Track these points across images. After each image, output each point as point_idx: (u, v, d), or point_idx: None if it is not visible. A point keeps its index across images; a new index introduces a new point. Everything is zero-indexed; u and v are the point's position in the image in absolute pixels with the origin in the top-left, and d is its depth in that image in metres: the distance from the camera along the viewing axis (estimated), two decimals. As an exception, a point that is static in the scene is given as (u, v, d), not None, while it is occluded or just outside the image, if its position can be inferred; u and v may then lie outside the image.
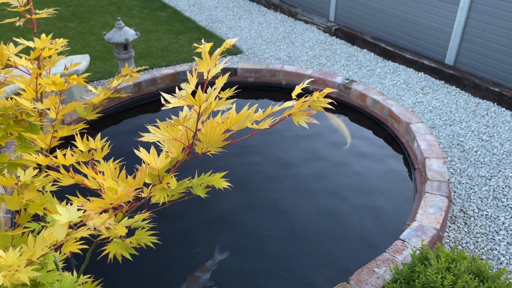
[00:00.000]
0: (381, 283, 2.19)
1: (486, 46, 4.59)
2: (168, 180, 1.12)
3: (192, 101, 1.00)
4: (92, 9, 7.29)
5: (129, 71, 1.59)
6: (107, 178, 1.08)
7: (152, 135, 1.04)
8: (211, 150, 1.10)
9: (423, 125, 3.55)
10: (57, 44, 1.43)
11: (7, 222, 2.66)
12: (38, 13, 1.47)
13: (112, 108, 4.16)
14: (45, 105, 1.32)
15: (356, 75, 5.03)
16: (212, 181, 1.29)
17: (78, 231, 0.96)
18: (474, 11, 4.59)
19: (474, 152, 3.68)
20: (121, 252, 1.19)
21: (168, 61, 5.39)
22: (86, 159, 1.26)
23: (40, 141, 1.29)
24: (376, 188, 3.24)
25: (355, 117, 4.13)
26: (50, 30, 6.32)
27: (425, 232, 2.50)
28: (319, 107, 1.08)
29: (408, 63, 5.19)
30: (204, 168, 1.46)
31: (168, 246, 2.59)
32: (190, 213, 2.97)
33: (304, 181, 3.30)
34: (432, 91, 4.65)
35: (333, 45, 5.87)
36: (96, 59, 5.41)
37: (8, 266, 0.88)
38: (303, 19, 6.68)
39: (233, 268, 2.59)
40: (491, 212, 3.04)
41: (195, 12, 7.25)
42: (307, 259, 2.66)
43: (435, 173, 2.99)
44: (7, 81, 1.43)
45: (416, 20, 5.25)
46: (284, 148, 3.68)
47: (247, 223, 2.93)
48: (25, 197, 1.12)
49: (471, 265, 1.93)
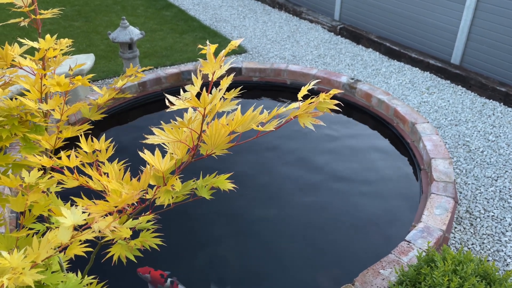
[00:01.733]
0: (386, 284, 2.17)
1: (493, 46, 4.55)
2: (172, 182, 1.11)
3: (197, 103, 0.99)
4: (97, 8, 7.30)
5: (134, 71, 1.58)
6: (112, 180, 1.07)
7: (156, 137, 1.03)
8: (216, 152, 1.09)
9: (428, 125, 3.52)
10: (62, 44, 1.43)
11: (12, 221, 2.67)
12: (43, 13, 1.47)
13: (116, 107, 4.16)
14: (49, 105, 1.32)
15: (361, 74, 5.01)
16: (217, 183, 1.28)
17: (83, 234, 0.96)
18: (480, 10, 4.55)
19: (480, 152, 3.65)
20: (125, 254, 1.18)
21: (172, 60, 5.38)
22: (90, 161, 1.25)
23: (44, 142, 1.29)
24: (381, 188, 3.22)
25: (360, 117, 4.11)
26: (55, 29, 6.34)
27: (431, 234, 2.48)
28: (326, 108, 1.07)
29: (414, 62, 5.15)
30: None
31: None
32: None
33: (304, 179, 3.29)
34: (438, 91, 4.62)
35: (338, 45, 5.84)
36: (101, 58, 5.41)
37: (12, 269, 0.88)
38: (308, 18, 6.65)
39: (236, 266, 2.58)
40: (498, 213, 3.01)
41: (200, 11, 7.25)
42: (311, 260, 2.64)
43: (441, 174, 2.97)
44: (12, 81, 1.43)
45: (421, 19, 5.21)
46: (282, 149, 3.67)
47: (248, 218, 2.92)
48: (30, 199, 1.11)
49: (477, 267, 1.91)
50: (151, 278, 2.36)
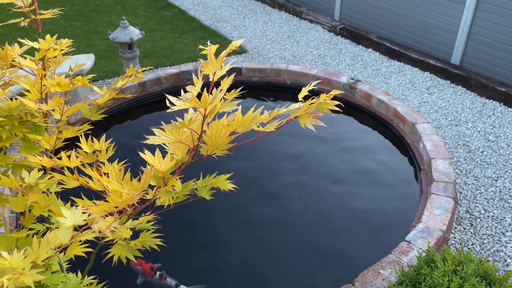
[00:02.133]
0: (387, 285, 2.17)
1: (493, 46, 4.55)
2: (173, 182, 1.11)
3: (197, 103, 0.99)
4: (97, 8, 7.30)
5: (134, 71, 1.58)
6: (112, 181, 1.07)
7: (157, 137, 1.03)
8: (216, 152, 1.09)
9: (429, 126, 3.52)
10: (62, 44, 1.42)
11: (12, 221, 2.66)
12: (43, 13, 1.47)
13: (117, 107, 4.16)
14: (49, 106, 1.32)
15: (361, 74, 5.01)
16: (217, 183, 1.28)
17: (83, 234, 0.96)
18: (480, 10, 4.55)
19: (480, 152, 3.65)
20: (125, 254, 1.18)
21: (172, 60, 5.38)
22: (90, 161, 1.25)
23: (45, 142, 1.28)
24: (381, 189, 3.22)
25: (360, 117, 4.11)
26: (55, 29, 6.34)
27: (431, 234, 2.48)
28: (326, 109, 1.07)
29: (414, 62, 5.15)
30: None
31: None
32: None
33: (305, 181, 3.29)
34: (438, 91, 4.62)
35: (338, 45, 5.84)
36: (101, 58, 5.41)
37: (12, 269, 0.88)
38: (308, 18, 6.65)
39: (237, 263, 2.58)
40: (498, 213, 3.01)
41: (200, 11, 7.25)
42: (311, 260, 2.64)
43: (441, 174, 2.97)
44: (12, 81, 1.43)
45: (422, 19, 5.21)
46: (288, 146, 3.67)
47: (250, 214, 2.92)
48: (30, 199, 1.11)
49: (478, 267, 1.91)
50: (142, 270, 2.40)
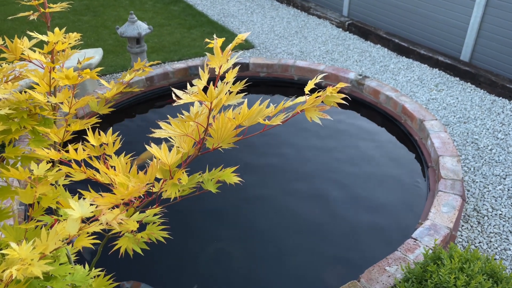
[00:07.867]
0: (392, 281, 2.17)
1: (503, 43, 4.49)
2: (179, 175, 1.12)
3: (203, 97, 0.99)
4: (106, 3, 7.32)
5: (141, 65, 1.59)
6: (119, 173, 1.08)
7: (163, 131, 1.04)
8: (222, 145, 1.09)
9: (437, 123, 3.49)
10: (71, 38, 1.43)
11: (20, 213, 2.70)
12: (52, 7, 1.48)
13: (124, 102, 4.18)
14: (58, 99, 1.33)
15: (369, 71, 4.98)
16: (223, 176, 1.29)
17: (90, 226, 0.97)
18: (491, 7, 4.49)
19: (488, 150, 3.61)
20: (132, 246, 1.19)
21: (180, 56, 5.39)
22: (97, 154, 1.26)
23: (53, 135, 1.30)
24: (388, 185, 3.21)
25: (368, 113, 4.09)
26: (64, 23, 6.37)
27: (438, 231, 2.47)
28: (333, 102, 1.06)
29: (423, 59, 5.11)
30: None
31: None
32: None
33: (314, 178, 3.29)
34: (447, 88, 4.58)
35: (346, 40, 5.81)
36: (109, 53, 5.44)
37: (21, 260, 0.89)
38: (316, 14, 6.62)
39: (239, 261, 2.59)
40: (505, 212, 2.98)
41: (208, 6, 7.24)
42: (317, 256, 2.65)
43: (449, 172, 2.95)
44: (22, 75, 1.44)
45: (431, 16, 5.16)
46: (293, 145, 3.67)
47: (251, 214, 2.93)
48: (39, 191, 1.12)
49: (484, 265, 1.90)
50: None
